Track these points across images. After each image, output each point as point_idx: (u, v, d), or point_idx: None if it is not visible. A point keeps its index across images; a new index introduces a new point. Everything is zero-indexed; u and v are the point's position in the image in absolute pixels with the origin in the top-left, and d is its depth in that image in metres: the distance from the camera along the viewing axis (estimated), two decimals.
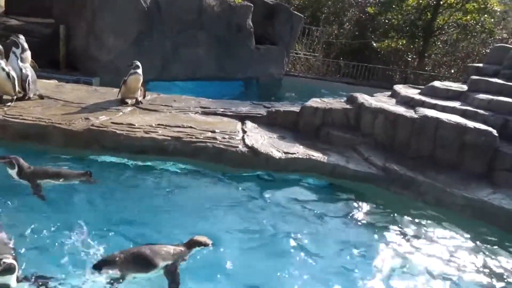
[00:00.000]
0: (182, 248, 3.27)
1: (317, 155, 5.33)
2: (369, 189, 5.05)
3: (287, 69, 14.51)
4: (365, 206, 4.70)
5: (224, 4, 11.00)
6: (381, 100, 6.50)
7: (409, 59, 17.95)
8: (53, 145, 5.04)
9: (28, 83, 5.95)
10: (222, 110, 6.47)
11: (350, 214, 4.53)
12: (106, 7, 9.04)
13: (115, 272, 2.90)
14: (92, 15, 9.12)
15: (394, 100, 6.65)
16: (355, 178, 5.16)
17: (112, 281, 2.88)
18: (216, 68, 11.28)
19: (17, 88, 5.80)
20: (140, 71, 6.36)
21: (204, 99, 7.13)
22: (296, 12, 13.89)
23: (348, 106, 6.27)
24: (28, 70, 6.06)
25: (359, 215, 4.54)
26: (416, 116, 5.55)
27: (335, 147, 5.75)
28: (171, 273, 3.05)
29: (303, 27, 15.12)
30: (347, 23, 19.03)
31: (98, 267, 2.92)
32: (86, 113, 5.60)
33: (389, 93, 7.21)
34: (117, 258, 2.95)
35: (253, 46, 12.01)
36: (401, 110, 5.82)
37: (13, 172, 4.01)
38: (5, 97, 5.78)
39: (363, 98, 6.32)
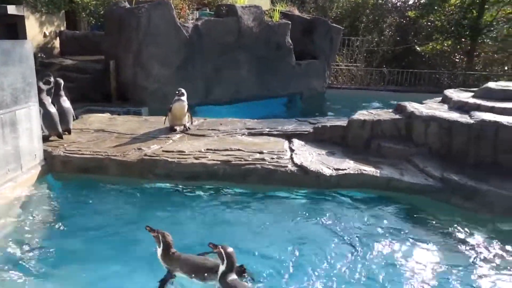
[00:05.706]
0: None
1: (369, 169, 5.17)
2: (428, 203, 4.79)
3: (330, 82, 14.38)
4: (428, 222, 4.43)
5: (262, 24, 11.15)
6: (432, 107, 6.23)
7: (456, 60, 17.21)
8: (110, 175, 5.27)
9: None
10: (268, 130, 6.48)
11: (413, 232, 4.24)
12: (151, 39, 9.46)
13: None
14: (137, 47, 9.57)
15: (446, 106, 6.34)
16: (411, 191, 4.92)
17: None
18: (259, 87, 11.38)
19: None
20: (184, 98, 6.51)
21: (249, 120, 7.20)
22: (334, 24, 13.80)
23: (397, 116, 6.07)
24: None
25: (423, 233, 4.24)
26: (472, 121, 5.25)
27: (388, 159, 5.54)
28: None
29: (343, 38, 14.97)
30: (387, 30, 18.64)
31: None
32: (138, 143, 5.82)
33: (440, 98, 6.91)
34: None
35: (293, 62, 12.04)
36: (455, 116, 5.53)
37: (158, 251, 3.33)
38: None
39: (412, 106, 6.10)
